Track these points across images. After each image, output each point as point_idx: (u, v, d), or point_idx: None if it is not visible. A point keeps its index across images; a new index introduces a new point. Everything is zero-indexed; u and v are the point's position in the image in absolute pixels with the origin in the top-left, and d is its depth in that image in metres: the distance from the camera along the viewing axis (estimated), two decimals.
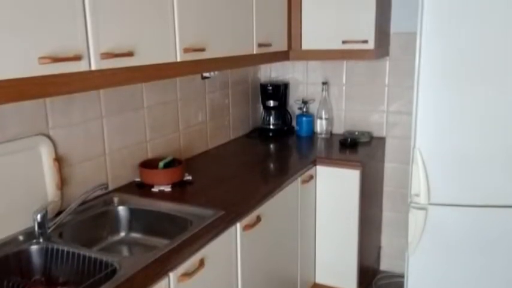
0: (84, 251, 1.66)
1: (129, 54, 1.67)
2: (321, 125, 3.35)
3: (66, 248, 1.69)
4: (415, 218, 2.39)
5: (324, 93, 3.32)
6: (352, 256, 2.85)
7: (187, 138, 2.78)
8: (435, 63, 2.23)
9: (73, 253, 1.67)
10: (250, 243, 2.11)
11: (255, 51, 2.59)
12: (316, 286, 2.97)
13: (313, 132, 3.44)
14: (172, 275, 1.59)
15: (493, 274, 2.38)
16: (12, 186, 1.73)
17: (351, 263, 2.87)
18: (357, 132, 3.30)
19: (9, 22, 1.27)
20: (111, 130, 2.21)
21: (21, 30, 1.30)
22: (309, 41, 2.98)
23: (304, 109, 3.41)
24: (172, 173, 2.29)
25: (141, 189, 2.25)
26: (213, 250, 1.81)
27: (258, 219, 2.13)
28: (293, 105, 3.53)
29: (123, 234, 2.11)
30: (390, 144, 3.31)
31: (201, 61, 2.11)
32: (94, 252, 1.68)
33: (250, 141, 3.29)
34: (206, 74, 2.84)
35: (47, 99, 1.88)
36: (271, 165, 2.79)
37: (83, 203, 1.93)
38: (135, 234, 2.11)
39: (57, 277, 1.71)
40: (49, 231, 1.75)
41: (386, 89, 3.25)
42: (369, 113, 3.33)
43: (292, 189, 2.52)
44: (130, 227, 2.12)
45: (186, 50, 1.97)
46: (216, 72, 2.93)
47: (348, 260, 2.87)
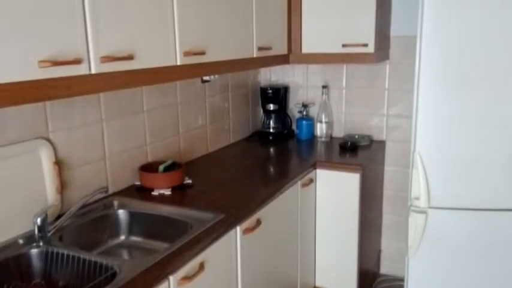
0: (84, 255, 1.65)
1: (129, 57, 1.67)
2: (321, 129, 3.35)
3: (66, 251, 1.68)
4: (415, 221, 2.39)
5: (324, 96, 3.32)
6: (352, 259, 2.85)
7: (187, 141, 2.78)
8: (435, 67, 2.23)
9: (73, 256, 1.66)
10: (250, 247, 2.11)
11: (255, 55, 2.59)
12: None
13: (313, 136, 3.44)
14: (172, 278, 1.58)
15: (494, 278, 2.38)
16: (12, 190, 1.73)
17: (351, 267, 2.86)
18: (357, 136, 3.30)
19: (9, 26, 1.27)
20: (111, 133, 2.21)
21: (21, 33, 1.30)
22: (309, 44, 2.98)
23: (304, 112, 3.41)
24: (172, 177, 2.29)
25: (141, 192, 2.25)
26: (213, 254, 1.81)
27: (258, 223, 2.13)
28: (293, 108, 3.53)
29: (123, 237, 2.11)
30: (390, 148, 3.31)
31: (201, 65, 2.11)
32: (94, 256, 1.67)
33: (250, 145, 3.29)
34: (206, 77, 2.85)
35: (47, 103, 1.88)
36: (271, 169, 2.79)
37: (83, 206, 1.93)
38: (135, 238, 2.10)
39: (57, 281, 1.70)
40: (49, 234, 1.75)
41: (386, 93, 3.25)
42: (369, 117, 3.34)
43: (292, 192, 2.52)
44: (131, 231, 2.11)
45: (186, 53, 1.98)
46: (216, 76, 2.93)
47: (348, 263, 2.86)
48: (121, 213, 2.11)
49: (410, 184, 2.38)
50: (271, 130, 3.45)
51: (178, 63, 1.96)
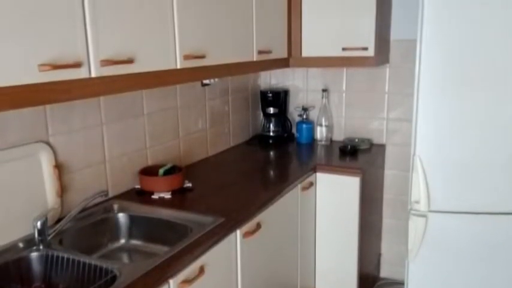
0: (84, 258, 1.65)
1: (129, 61, 1.67)
2: (321, 132, 3.35)
3: (66, 255, 1.68)
4: (415, 225, 2.39)
5: (324, 100, 3.32)
6: (352, 263, 2.85)
7: (187, 145, 2.78)
8: (435, 71, 2.23)
9: (73, 260, 1.66)
10: (250, 250, 2.11)
11: (255, 58, 2.59)
12: None
13: (313, 139, 3.44)
14: (172, 282, 1.58)
15: (494, 281, 2.38)
16: (12, 193, 1.73)
17: (351, 270, 2.86)
18: (357, 139, 3.30)
19: (9, 29, 1.27)
20: (111, 137, 2.21)
21: (21, 37, 1.30)
22: (309, 48, 2.98)
23: (304, 116, 3.41)
24: (172, 180, 2.29)
25: (141, 196, 2.25)
26: (213, 257, 1.81)
27: (258, 226, 2.13)
28: (293, 112, 3.54)
29: (123, 241, 2.11)
30: (390, 151, 3.31)
31: (201, 68, 2.12)
32: (94, 259, 1.67)
33: (250, 148, 3.29)
34: (206, 81, 2.85)
35: (47, 106, 1.88)
36: (271, 172, 2.79)
37: (83, 210, 1.93)
38: (135, 241, 2.10)
39: (57, 284, 1.70)
40: (49, 238, 1.74)
41: (386, 96, 3.25)
42: (369, 120, 3.34)
43: (292, 196, 2.52)
44: (130, 234, 2.11)
45: (186, 57, 1.98)
46: (216, 79, 2.93)
47: (348, 266, 2.86)
48: (121, 217, 2.11)
49: (410, 188, 2.38)
50: (271, 134, 3.45)
51: (178, 67, 1.96)
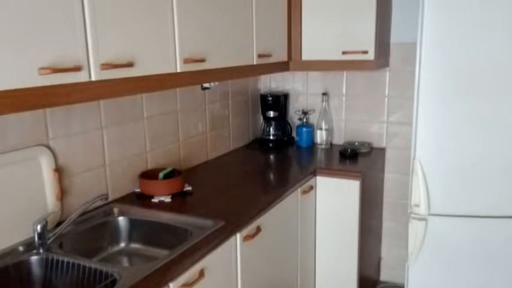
0: (84, 262, 1.65)
1: (129, 65, 1.68)
2: (321, 136, 3.35)
3: (66, 258, 1.68)
4: (415, 228, 2.39)
5: (324, 103, 3.33)
6: (352, 266, 2.84)
7: (187, 148, 2.78)
8: (435, 74, 2.23)
9: (73, 264, 1.66)
10: (250, 254, 2.11)
11: (255, 62, 2.60)
12: None
13: (313, 143, 3.44)
14: (172, 285, 1.58)
15: (494, 285, 2.37)
16: (12, 197, 1.73)
17: (351, 274, 2.86)
18: (357, 143, 3.31)
19: (9, 33, 1.27)
20: (111, 141, 2.21)
21: (21, 41, 1.31)
22: (309, 51, 2.99)
23: (304, 120, 3.41)
24: (172, 184, 2.29)
25: (141, 199, 2.25)
26: (213, 261, 1.81)
27: (258, 230, 2.12)
28: (293, 115, 3.54)
29: (123, 244, 2.11)
30: (390, 155, 3.31)
31: (201, 72, 2.12)
32: (94, 263, 1.67)
33: (250, 152, 3.29)
34: (206, 84, 2.85)
35: (47, 110, 1.88)
36: (271, 176, 2.79)
37: (83, 213, 1.93)
38: (135, 245, 2.10)
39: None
40: (49, 241, 1.74)
41: (386, 100, 3.25)
42: (369, 124, 3.34)
43: (292, 199, 2.52)
44: (131, 238, 2.11)
45: (186, 60, 1.98)
46: (216, 83, 2.94)
47: (348, 270, 2.86)
48: (121, 220, 2.11)
49: (410, 191, 2.38)
50: (271, 137, 3.45)
51: (178, 71, 1.96)
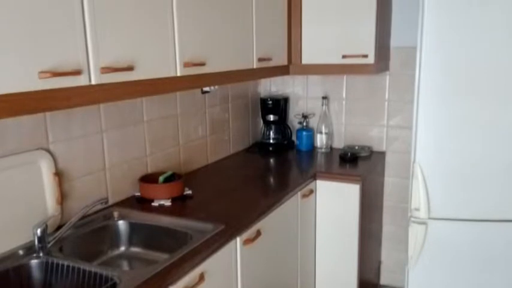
0: (84, 266, 1.65)
1: (129, 68, 1.68)
2: (321, 140, 3.35)
3: (66, 262, 1.68)
4: (415, 232, 2.39)
5: (324, 107, 3.33)
6: (352, 270, 2.84)
7: (187, 152, 2.78)
8: (435, 78, 2.24)
9: (73, 267, 1.66)
10: (251, 258, 2.11)
11: (255, 66, 2.60)
12: None
13: (313, 147, 3.44)
14: None
15: None
16: (12, 201, 1.73)
17: (351, 277, 2.85)
18: (357, 147, 3.31)
19: (9, 37, 1.28)
20: (111, 144, 2.21)
21: (21, 45, 1.31)
22: (309, 55, 2.99)
23: (304, 123, 3.41)
24: (172, 188, 2.29)
25: (141, 203, 2.25)
26: (213, 264, 1.81)
27: (258, 234, 2.12)
28: (293, 119, 3.54)
29: (123, 248, 2.11)
30: (390, 159, 3.31)
31: (201, 76, 2.12)
32: (94, 267, 1.67)
33: (250, 156, 3.29)
34: (206, 88, 2.85)
35: (47, 114, 1.88)
36: (271, 180, 2.79)
37: (83, 217, 1.93)
38: (135, 249, 2.10)
39: None
40: (49, 245, 1.74)
41: (386, 104, 3.26)
42: (369, 128, 3.34)
43: (292, 203, 2.52)
44: (131, 242, 2.11)
45: (186, 64, 1.98)
46: (216, 87, 2.94)
47: (348, 274, 2.85)
48: (121, 224, 2.11)
49: (410, 195, 2.38)
50: (271, 141, 3.45)
51: (178, 74, 1.96)
